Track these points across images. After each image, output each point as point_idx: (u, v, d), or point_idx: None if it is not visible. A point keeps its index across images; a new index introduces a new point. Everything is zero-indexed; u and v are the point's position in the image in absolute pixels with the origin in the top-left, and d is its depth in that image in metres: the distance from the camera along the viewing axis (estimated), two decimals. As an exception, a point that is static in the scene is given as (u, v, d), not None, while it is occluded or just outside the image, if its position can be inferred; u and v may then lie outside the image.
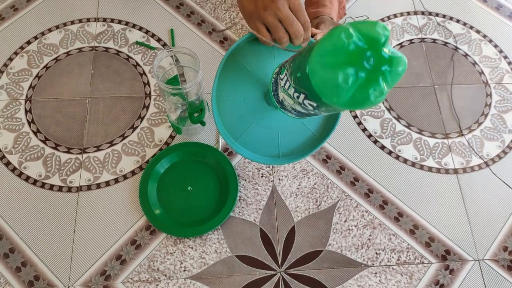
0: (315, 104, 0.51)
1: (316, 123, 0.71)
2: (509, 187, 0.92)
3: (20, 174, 0.89)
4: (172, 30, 1.04)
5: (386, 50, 0.45)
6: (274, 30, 0.66)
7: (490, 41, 1.09)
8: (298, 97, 0.53)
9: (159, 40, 1.04)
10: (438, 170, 0.93)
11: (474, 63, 1.06)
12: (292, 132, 0.71)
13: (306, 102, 0.52)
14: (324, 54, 0.46)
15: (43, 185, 0.88)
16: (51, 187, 0.88)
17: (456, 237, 0.88)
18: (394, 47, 1.06)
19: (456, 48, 1.07)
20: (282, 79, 0.57)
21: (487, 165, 0.95)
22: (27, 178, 0.88)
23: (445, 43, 1.08)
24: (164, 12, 1.07)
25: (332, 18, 0.86)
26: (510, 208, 0.91)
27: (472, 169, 0.94)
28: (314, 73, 0.47)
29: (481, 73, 1.05)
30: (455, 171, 0.94)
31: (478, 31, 1.10)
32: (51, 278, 0.81)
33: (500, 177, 0.93)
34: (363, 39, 0.46)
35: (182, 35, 1.04)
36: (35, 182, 0.88)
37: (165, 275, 0.82)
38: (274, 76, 0.61)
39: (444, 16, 1.12)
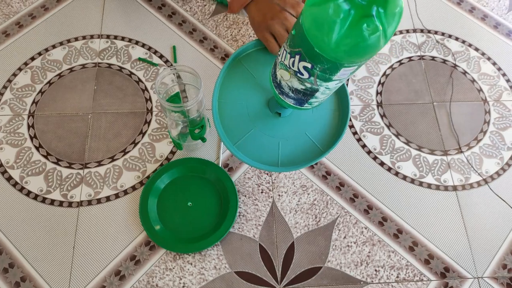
0: (309, 65, 0.49)
1: (320, 135, 0.70)
2: (508, 204, 0.92)
3: (21, 189, 0.89)
4: (174, 47, 1.06)
5: None
6: (280, 39, 0.67)
7: (489, 58, 1.10)
8: (293, 63, 0.51)
9: (161, 56, 1.05)
10: (437, 187, 0.94)
11: (473, 81, 1.07)
12: (294, 142, 0.69)
13: (300, 66, 0.50)
14: None
15: (44, 200, 0.89)
16: (52, 202, 0.88)
17: (455, 255, 0.87)
18: (393, 64, 1.08)
19: (455, 66, 1.09)
20: (279, 55, 0.55)
21: (486, 182, 0.95)
22: (28, 193, 0.89)
23: (444, 61, 1.09)
24: (166, 29, 1.09)
25: None
26: (509, 226, 0.91)
27: (471, 186, 0.94)
28: (306, 16, 0.45)
29: (480, 90, 1.06)
30: (454, 188, 0.94)
31: (476, 49, 1.11)
32: (51, 293, 0.81)
33: (498, 194, 0.93)
34: None
35: (184, 52, 1.06)
36: (36, 197, 0.89)
37: (164, 291, 0.82)
38: (274, 63, 0.60)
39: (443, 34, 1.13)
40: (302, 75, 0.51)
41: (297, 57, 0.50)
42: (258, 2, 0.71)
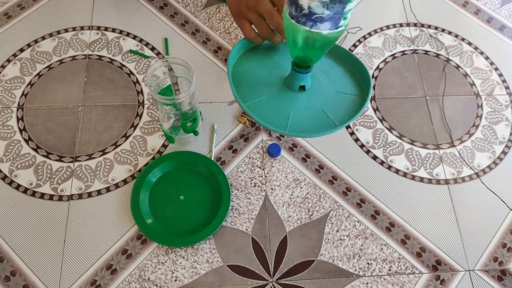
0: None
1: (336, 113, 0.66)
2: (499, 198, 0.93)
3: (10, 182, 0.88)
4: (166, 39, 1.05)
5: None
6: (256, 25, 0.66)
7: (482, 53, 1.11)
8: None
9: (153, 48, 1.04)
10: (430, 181, 0.94)
11: (466, 75, 1.07)
12: (307, 116, 0.66)
13: None
14: None
15: (33, 194, 0.87)
16: (42, 195, 0.87)
17: (447, 248, 0.88)
18: (386, 58, 1.08)
19: (448, 60, 1.09)
20: None
21: (478, 176, 0.95)
22: (18, 186, 0.88)
23: (437, 55, 1.09)
24: (158, 21, 1.07)
25: None
26: (500, 219, 0.91)
27: (463, 179, 0.95)
28: None
29: (473, 84, 1.06)
30: (446, 181, 0.94)
31: (469, 43, 1.12)
32: (41, 287, 0.80)
33: (490, 188, 0.94)
34: None
35: (176, 44, 1.05)
36: (25, 191, 0.88)
37: (156, 285, 0.81)
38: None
39: (436, 28, 1.13)
40: None
41: None
42: None
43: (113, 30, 1.06)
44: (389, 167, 0.95)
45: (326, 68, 0.72)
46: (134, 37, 1.05)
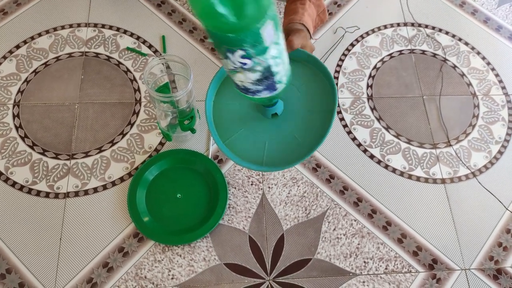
0: (240, 52, 0.52)
1: (305, 133, 0.70)
2: (496, 197, 0.93)
3: (6, 180, 0.88)
4: (163, 37, 1.04)
5: None
6: None
7: (478, 53, 1.11)
8: (233, 62, 0.53)
9: (150, 46, 1.03)
10: (426, 180, 0.94)
11: (463, 75, 1.08)
12: (280, 143, 0.70)
13: (236, 58, 0.53)
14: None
15: (29, 191, 0.87)
16: (38, 193, 0.87)
17: (443, 246, 0.88)
18: (383, 58, 1.08)
19: (445, 60, 1.09)
20: (224, 67, 0.57)
21: (474, 176, 0.96)
22: (14, 184, 0.87)
23: (434, 55, 1.09)
24: (155, 19, 1.07)
25: (302, 24, 0.84)
26: (496, 218, 0.92)
27: (460, 179, 0.95)
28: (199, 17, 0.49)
29: (469, 84, 1.06)
30: (443, 181, 0.95)
31: (466, 43, 1.12)
32: (37, 285, 0.80)
33: (486, 187, 0.94)
34: None
35: (174, 42, 1.05)
36: (21, 188, 0.87)
37: (153, 283, 0.81)
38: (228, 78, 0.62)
39: (433, 28, 1.13)
40: (246, 64, 0.52)
41: (228, 54, 0.51)
42: None
43: (110, 28, 1.05)
44: (386, 166, 0.95)
45: (299, 83, 0.71)
46: (132, 35, 1.05)
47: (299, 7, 0.83)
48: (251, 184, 0.91)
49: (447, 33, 1.13)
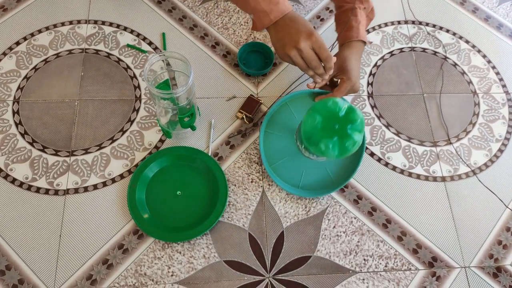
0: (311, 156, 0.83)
1: (336, 170, 0.88)
2: (496, 195, 0.93)
3: (6, 176, 0.87)
4: (163, 34, 1.04)
5: (343, 113, 0.73)
6: (307, 55, 0.76)
7: (479, 51, 1.11)
8: (309, 154, 0.82)
9: (150, 43, 1.03)
10: (426, 178, 0.94)
11: (463, 73, 1.07)
12: (315, 174, 0.88)
13: (312, 156, 0.83)
14: (307, 136, 0.75)
15: (29, 188, 0.87)
16: (38, 189, 0.87)
17: (443, 244, 0.88)
18: (384, 55, 1.08)
19: (446, 58, 1.09)
20: (303, 153, 0.84)
21: (474, 174, 0.96)
22: (13, 180, 0.87)
23: (435, 53, 1.09)
24: (156, 16, 1.07)
25: (361, 40, 0.86)
26: (496, 216, 0.92)
27: (460, 177, 0.95)
28: (308, 147, 0.77)
29: (470, 82, 1.06)
30: (443, 178, 0.95)
31: (467, 41, 1.12)
32: (36, 282, 0.80)
33: (486, 185, 0.94)
34: (325, 114, 0.73)
35: (174, 39, 1.04)
36: (21, 185, 0.87)
37: (152, 280, 0.81)
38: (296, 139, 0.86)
39: (434, 26, 1.13)
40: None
41: (311, 156, 0.83)
42: (277, 26, 0.78)
43: (110, 24, 1.05)
44: (386, 164, 0.95)
45: None
46: (132, 32, 1.04)
47: (352, 20, 0.85)
48: (251, 182, 0.91)
49: (447, 31, 1.13)
